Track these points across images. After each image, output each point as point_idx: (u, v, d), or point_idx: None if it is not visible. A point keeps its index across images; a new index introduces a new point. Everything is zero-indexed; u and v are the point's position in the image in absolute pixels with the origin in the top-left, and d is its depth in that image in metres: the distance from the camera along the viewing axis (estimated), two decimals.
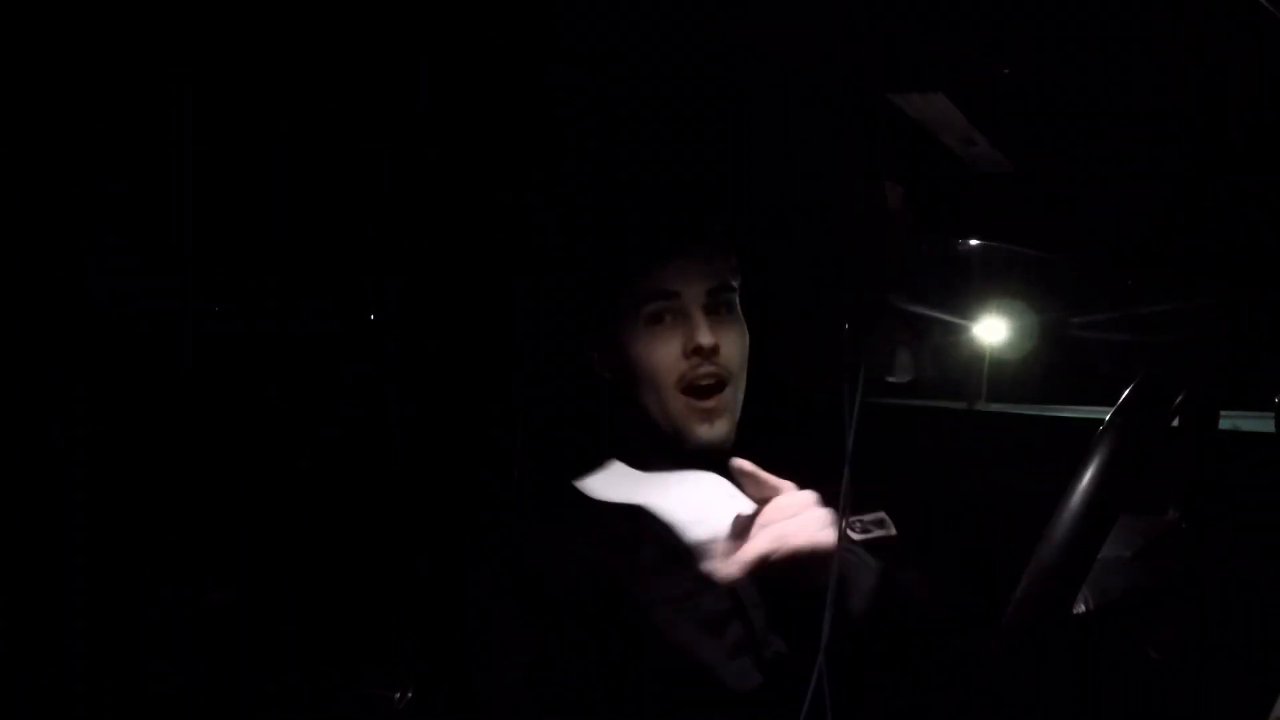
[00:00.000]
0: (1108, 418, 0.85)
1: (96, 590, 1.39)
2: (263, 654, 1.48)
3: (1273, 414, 1.14)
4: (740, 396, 1.21)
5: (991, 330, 2.00)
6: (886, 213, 0.86)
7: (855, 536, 1.24)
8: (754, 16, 0.95)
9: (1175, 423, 0.98)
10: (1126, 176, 1.26)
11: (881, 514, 1.28)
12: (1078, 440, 0.86)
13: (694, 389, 1.16)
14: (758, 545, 0.93)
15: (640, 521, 1.17)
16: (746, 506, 0.98)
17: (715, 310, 1.18)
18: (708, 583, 1.15)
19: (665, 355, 1.16)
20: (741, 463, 0.98)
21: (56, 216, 1.32)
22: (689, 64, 1.13)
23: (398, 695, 1.35)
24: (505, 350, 1.58)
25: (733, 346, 1.18)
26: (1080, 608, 0.91)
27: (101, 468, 1.41)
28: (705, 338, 1.15)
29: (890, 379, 0.89)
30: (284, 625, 1.51)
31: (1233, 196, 1.20)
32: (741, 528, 0.96)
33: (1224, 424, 1.03)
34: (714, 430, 1.17)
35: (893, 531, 1.26)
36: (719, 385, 1.17)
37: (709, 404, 1.17)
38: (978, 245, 1.54)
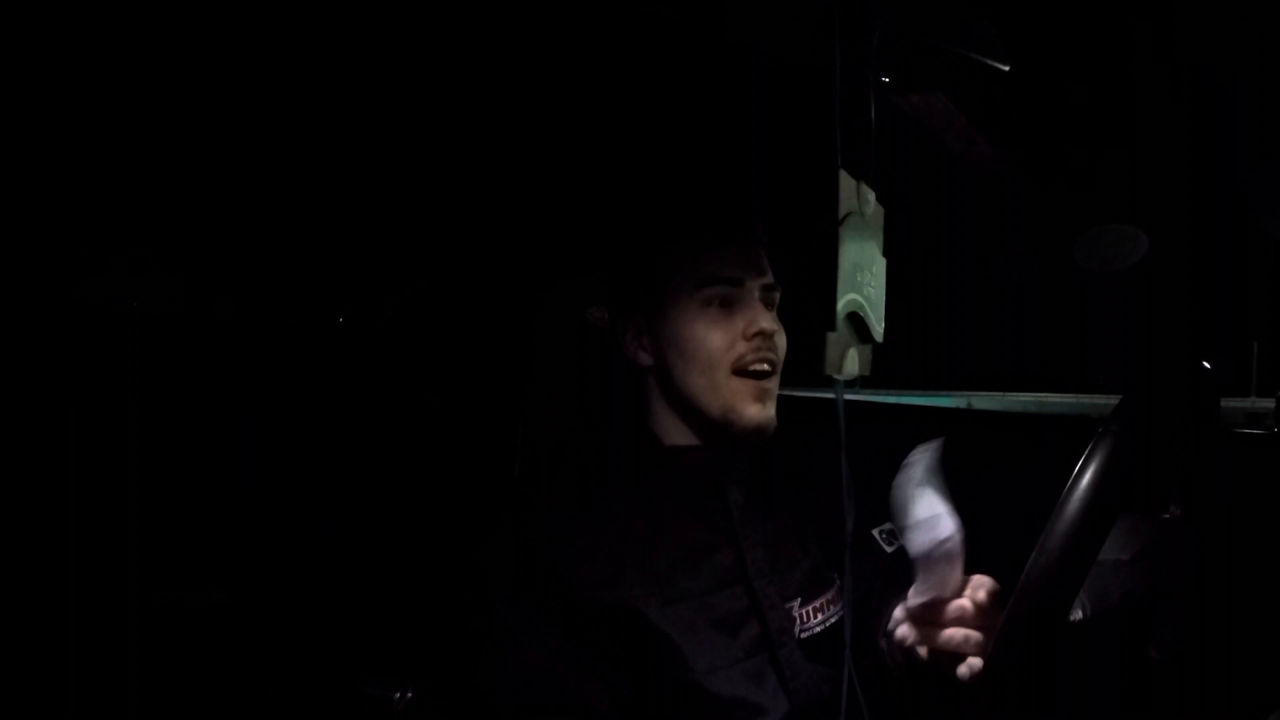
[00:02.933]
0: (1106, 419, 0.85)
1: (96, 590, 1.39)
2: (263, 654, 1.48)
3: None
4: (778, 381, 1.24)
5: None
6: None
7: (886, 549, 1.25)
8: (756, 17, 0.95)
9: (1175, 423, 0.98)
10: (1126, 176, 1.26)
11: (890, 524, 1.28)
12: (1077, 438, 0.86)
13: (750, 371, 1.18)
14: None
15: (657, 519, 1.17)
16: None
17: (769, 303, 1.22)
18: (723, 581, 1.16)
19: (724, 338, 1.18)
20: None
21: (56, 216, 1.32)
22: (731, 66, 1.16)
23: (398, 695, 1.35)
24: (520, 346, 1.58)
25: (782, 340, 1.22)
26: (1077, 614, 0.91)
27: (101, 467, 1.41)
28: (768, 323, 1.18)
29: (836, 375, 0.89)
30: (284, 625, 1.51)
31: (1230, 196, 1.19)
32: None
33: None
34: (765, 410, 1.19)
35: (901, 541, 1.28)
36: (773, 368, 1.20)
37: (765, 384, 1.19)
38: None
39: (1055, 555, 0.78)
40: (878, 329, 0.92)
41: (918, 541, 1.01)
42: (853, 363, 0.89)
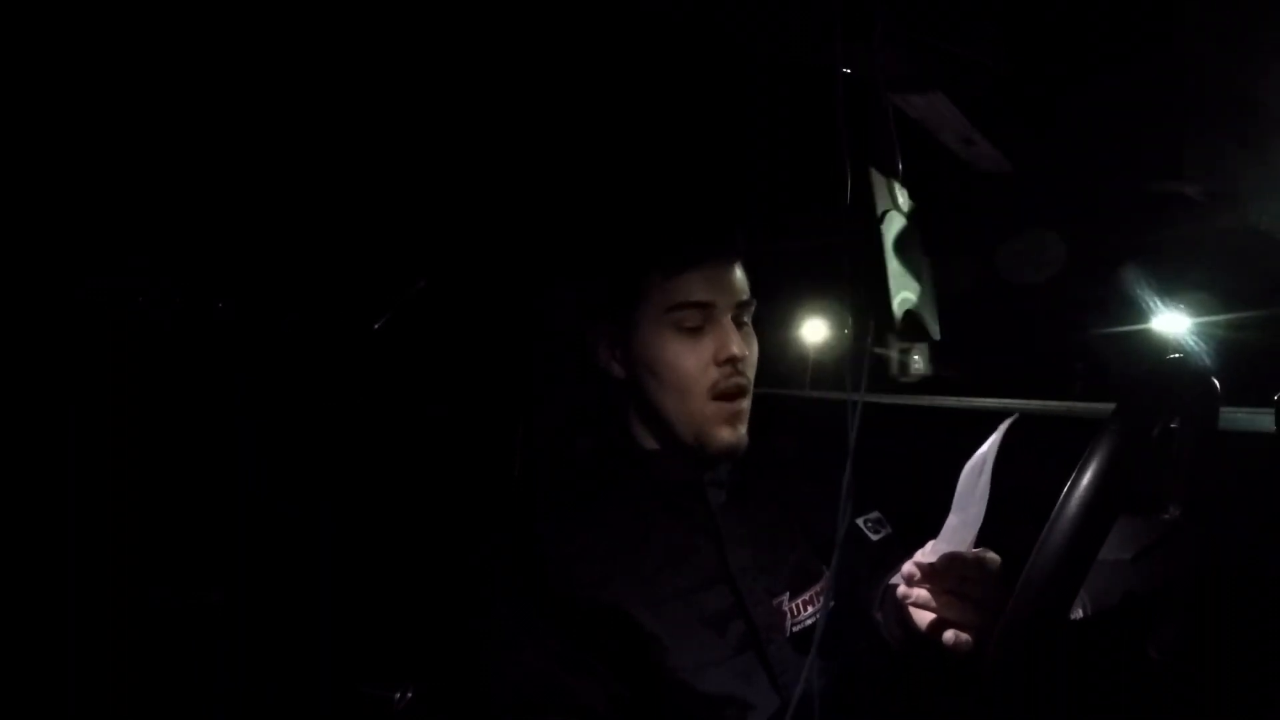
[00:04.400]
0: (1105, 422, 0.85)
1: (96, 590, 1.39)
2: (263, 654, 1.48)
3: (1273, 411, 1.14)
4: (750, 399, 1.23)
5: (814, 330, 2.14)
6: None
7: (872, 538, 1.26)
8: (755, 18, 0.95)
9: (1175, 423, 0.98)
10: (1125, 176, 1.25)
11: (878, 513, 1.29)
12: (1077, 439, 0.86)
13: (723, 395, 1.17)
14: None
15: (643, 520, 1.18)
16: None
17: (741, 322, 1.20)
18: (708, 580, 1.16)
19: (696, 362, 1.17)
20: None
21: (57, 218, 1.32)
22: (724, 75, 1.15)
23: (398, 695, 1.35)
24: (519, 348, 1.58)
25: (752, 355, 1.21)
26: (1078, 612, 0.90)
27: (101, 467, 1.41)
28: (739, 348, 1.16)
29: (902, 378, 0.87)
30: (284, 625, 1.51)
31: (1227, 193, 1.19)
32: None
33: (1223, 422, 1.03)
34: (737, 432, 1.19)
35: (890, 530, 1.28)
36: (744, 392, 1.19)
37: (738, 406, 1.19)
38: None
39: (1055, 555, 0.78)
40: (934, 326, 0.90)
41: (957, 501, 1.01)
42: (918, 363, 0.88)
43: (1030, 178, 1.25)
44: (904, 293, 0.85)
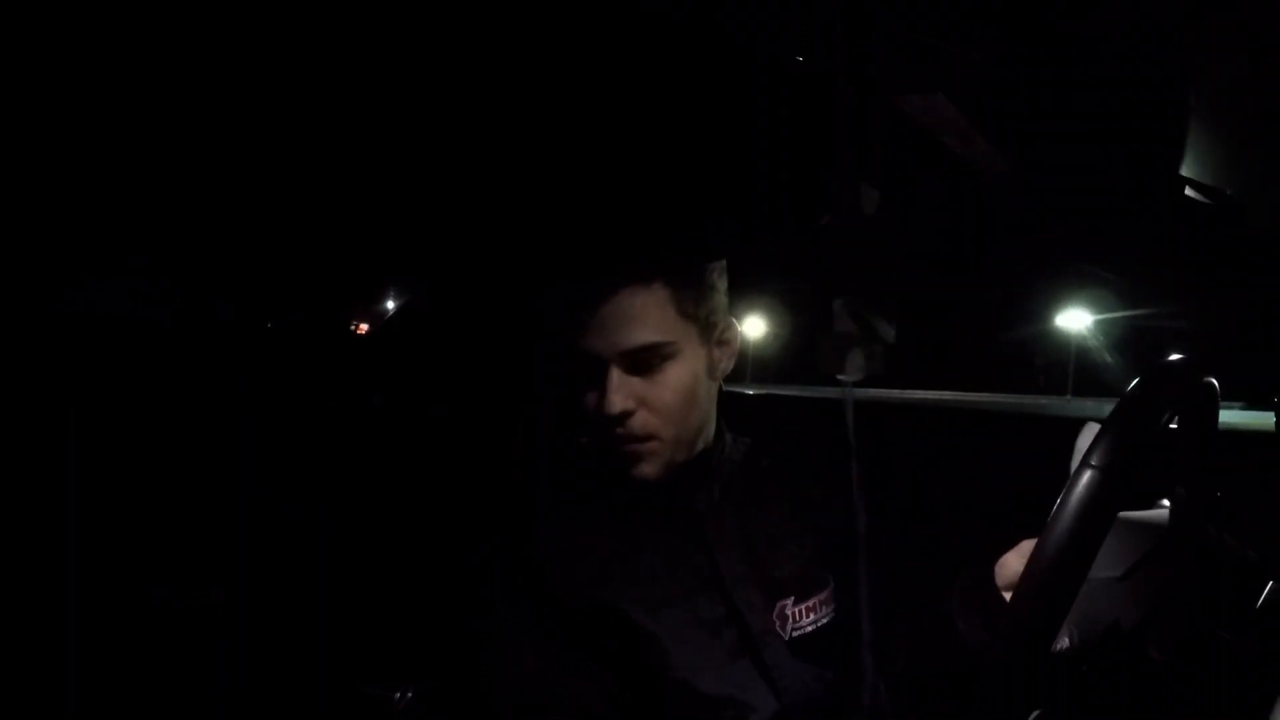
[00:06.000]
0: (1104, 421, 0.84)
1: (96, 590, 1.39)
2: (263, 654, 1.48)
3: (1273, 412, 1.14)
4: (679, 433, 1.16)
5: (753, 327, 2.20)
6: (864, 216, 0.85)
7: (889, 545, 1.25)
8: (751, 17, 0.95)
9: (1175, 423, 0.98)
10: (1125, 177, 1.25)
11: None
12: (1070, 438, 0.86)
13: (614, 442, 1.13)
14: None
15: (635, 526, 1.18)
16: None
17: (640, 367, 1.11)
18: (700, 586, 1.16)
19: (588, 406, 1.13)
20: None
21: (59, 221, 1.32)
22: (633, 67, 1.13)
23: (398, 695, 1.35)
24: (515, 350, 1.58)
25: (659, 401, 1.12)
26: (1064, 642, 0.89)
27: (101, 467, 1.41)
28: (615, 405, 1.09)
29: (841, 376, 0.87)
30: (284, 625, 1.51)
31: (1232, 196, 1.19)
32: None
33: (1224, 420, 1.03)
34: (642, 469, 1.15)
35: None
36: (634, 440, 1.12)
37: (635, 448, 1.13)
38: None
39: (1057, 553, 0.77)
40: (886, 328, 0.90)
41: None
42: (856, 363, 0.88)
43: (1030, 177, 1.25)
44: (851, 294, 0.85)
